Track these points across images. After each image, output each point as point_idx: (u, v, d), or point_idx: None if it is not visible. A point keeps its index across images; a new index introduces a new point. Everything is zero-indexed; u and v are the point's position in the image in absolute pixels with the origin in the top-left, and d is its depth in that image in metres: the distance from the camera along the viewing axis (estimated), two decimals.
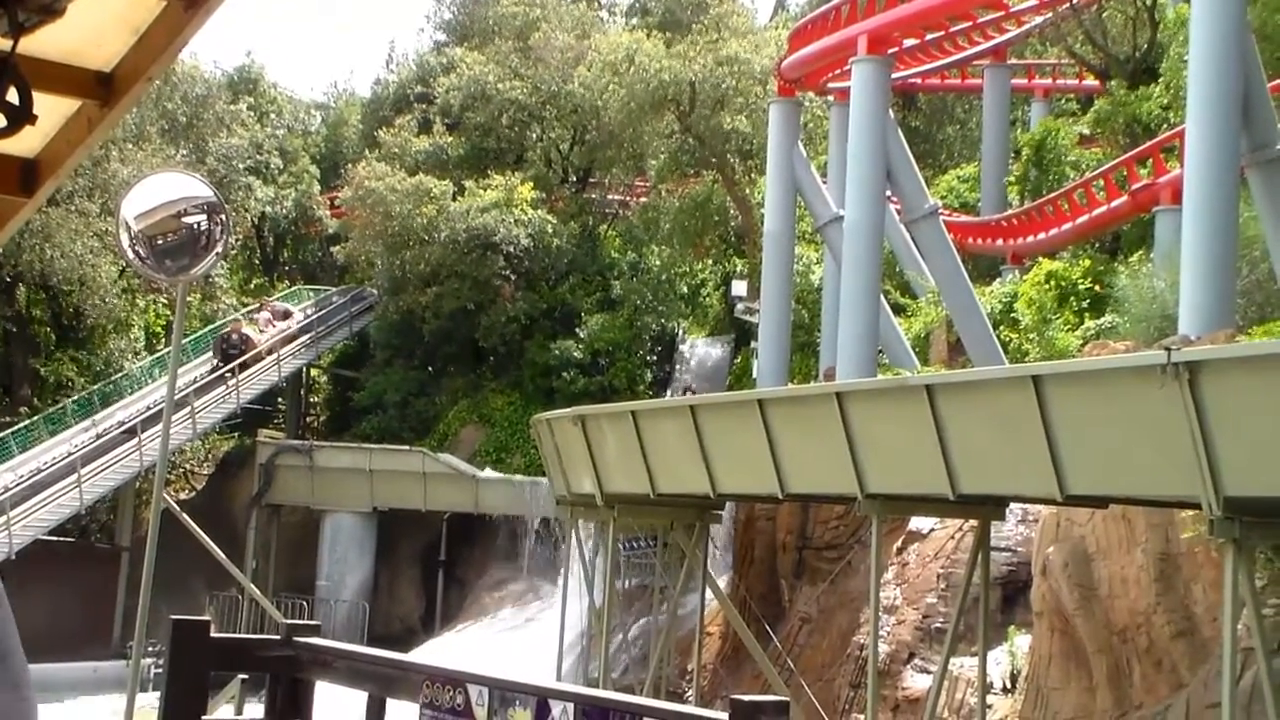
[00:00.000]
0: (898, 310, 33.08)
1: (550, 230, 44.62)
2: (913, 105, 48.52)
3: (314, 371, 49.95)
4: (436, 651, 31.87)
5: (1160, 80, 28.30)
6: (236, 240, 48.10)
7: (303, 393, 49.51)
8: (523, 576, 37.80)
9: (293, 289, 50.98)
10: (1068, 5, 31.85)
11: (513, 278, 44.00)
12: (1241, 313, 19.50)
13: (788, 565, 26.02)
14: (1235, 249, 19.11)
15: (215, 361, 41.58)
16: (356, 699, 7.31)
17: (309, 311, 47.12)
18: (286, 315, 45.31)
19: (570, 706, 6.15)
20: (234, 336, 42.36)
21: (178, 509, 16.67)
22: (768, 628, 22.13)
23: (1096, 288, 26.44)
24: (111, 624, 37.12)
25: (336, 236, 49.87)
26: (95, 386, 39.92)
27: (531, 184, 45.91)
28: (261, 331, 43.23)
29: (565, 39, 47.67)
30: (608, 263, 45.76)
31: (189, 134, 46.58)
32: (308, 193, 51.66)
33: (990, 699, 17.77)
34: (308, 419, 50.02)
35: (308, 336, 45.39)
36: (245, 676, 9.72)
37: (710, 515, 19.29)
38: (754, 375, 34.09)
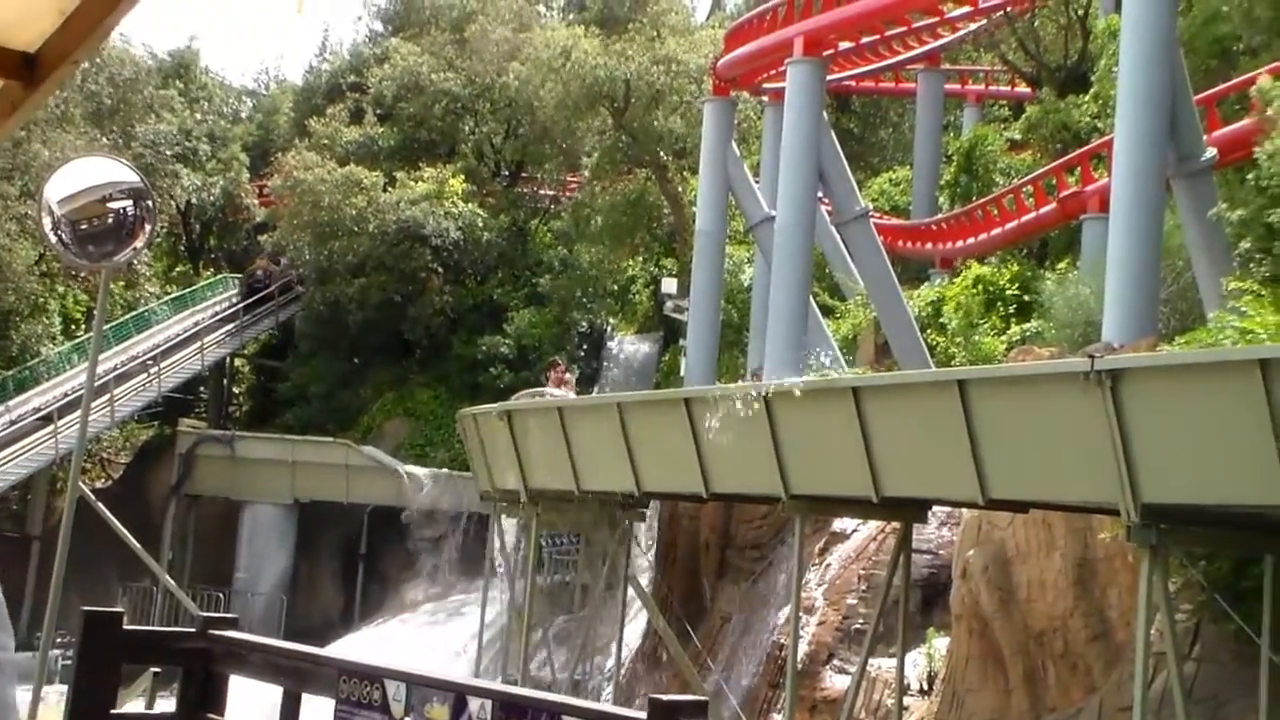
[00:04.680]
0: (827, 312, 33.20)
1: (480, 224, 44.44)
2: (847, 107, 48.77)
3: (238, 361, 49.41)
4: (355, 646, 31.58)
5: (1090, 89, 28.62)
6: (162, 227, 47.41)
7: (226, 382, 48.95)
8: (445, 572, 37.60)
9: (218, 277, 50.39)
10: (1001, 13, 32.14)
11: (441, 271, 43.77)
12: (1165, 321, 19.74)
13: (710, 564, 26.03)
14: (1160, 258, 19.33)
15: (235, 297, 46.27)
16: (271, 694, 7.19)
17: (234, 301, 46.64)
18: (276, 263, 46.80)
19: (488, 703, 6.08)
20: (259, 273, 46.69)
21: (93, 498, 16.40)
22: (688, 626, 22.12)
23: (1023, 294, 26.68)
24: (19, 614, 36.48)
25: (264, 225, 49.34)
26: (9, 372, 39.18)
27: (463, 177, 45.68)
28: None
29: (502, 32, 47.46)
30: (537, 258, 45.63)
31: (115, 118, 45.85)
32: (236, 180, 51.01)
33: (907, 700, 17.87)
34: (230, 409, 49.45)
35: (232, 325, 44.95)
36: (158, 670, 9.55)
37: (634, 513, 19.27)
38: (682, 373, 34.09)
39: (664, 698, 4.96)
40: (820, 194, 29.51)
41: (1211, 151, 21.07)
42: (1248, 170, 15.98)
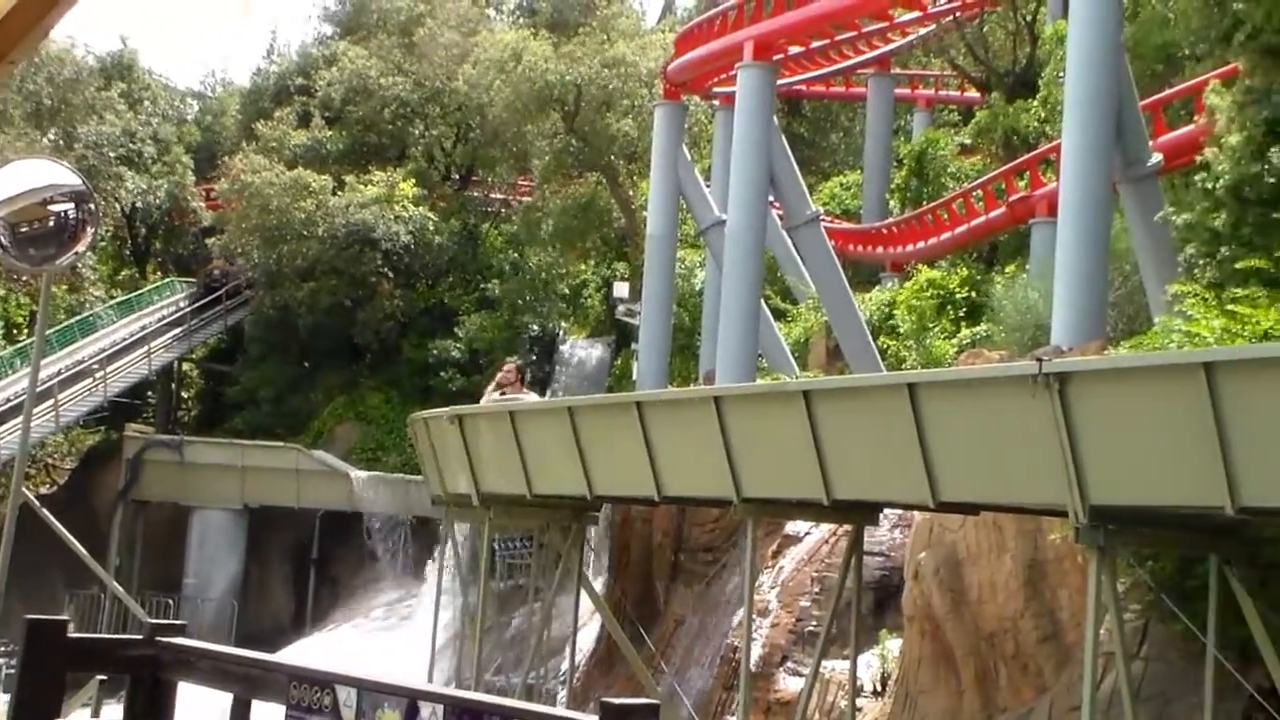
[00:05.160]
0: (778, 315, 33.30)
1: (431, 228, 44.32)
2: (798, 112, 48.94)
3: (186, 365, 49.01)
4: (306, 651, 31.42)
5: (1038, 94, 28.85)
6: (106, 230, 47.02)
7: (174, 387, 48.54)
8: (397, 576, 37.45)
9: (165, 281, 49.97)
10: (951, 18, 32.35)
11: (391, 275, 43.63)
12: (1113, 324, 19.90)
13: (663, 567, 26.05)
14: (1107, 262, 19.49)
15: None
16: (221, 700, 7.12)
17: (182, 304, 46.31)
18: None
19: (439, 708, 6.05)
20: (216, 272, 47.19)
21: (37, 504, 16.21)
22: (641, 630, 22.12)
23: (974, 297, 26.85)
24: None
25: (212, 229, 48.97)
26: None
27: (413, 181, 45.54)
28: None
29: (451, 36, 47.33)
30: (488, 262, 45.54)
31: (56, 119, 45.39)
32: (182, 183, 50.59)
33: (860, 701, 17.94)
34: (179, 413, 49.04)
35: (180, 329, 44.61)
36: (104, 677, 9.45)
37: (587, 517, 19.22)
38: (634, 377, 34.09)
39: (615, 701, 4.95)
40: (771, 198, 29.60)
41: (1157, 156, 21.27)
42: (1193, 175, 16.14)
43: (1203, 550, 11.77)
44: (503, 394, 19.47)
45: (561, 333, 45.70)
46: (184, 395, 50.56)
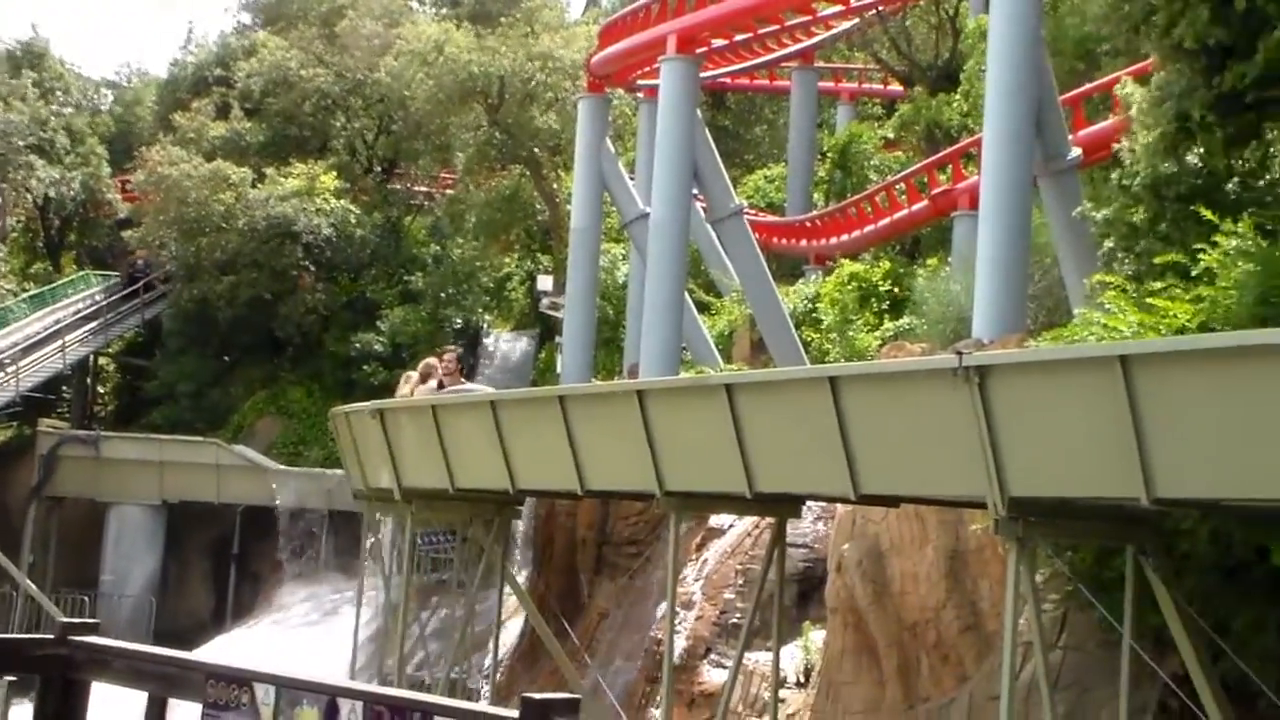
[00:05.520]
0: (702, 308, 33.35)
1: (353, 220, 44.01)
2: (722, 104, 49.05)
3: (102, 360, 48.28)
4: (226, 648, 31.06)
5: (960, 88, 29.09)
6: (17, 222, 46.22)
7: (89, 381, 47.79)
8: (319, 571, 37.16)
9: (80, 274, 49.18)
10: (874, 12, 32.53)
11: (313, 268, 43.26)
12: (1033, 317, 20.10)
13: (587, 561, 26.02)
14: (1028, 255, 19.68)
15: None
16: (137, 700, 6.99)
17: (97, 298, 45.63)
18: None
19: (359, 705, 5.98)
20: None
21: None
22: (565, 623, 22.07)
23: (896, 290, 27.02)
24: None
25: (129, 221, 48.25)
26: None
27: (335, 173, 45.16)
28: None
29: (372, 27, 46.96)
30: (411, 255, 45.28)
31: None
32: (96, 174, 49.78)
33: (783, 693, 18.00)
34: (94, 409, 48.31)
35: (96, 323, 43.95)
36: (14, 678, 9.24)
37: (510, 511, 19.15)
38: (558, 370, 34.01)
39: (536, 696, 4.93)
40: (695, 191, 29.62)
41: (1076, 151, 21.51)
42: (1112, 169, 16.33)
43: (1119, 541, 11.91)
44: (441, 386, 18.97)
45: (485, 326, 45.54)
46: (100, 390, 49.78)
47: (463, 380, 19.74)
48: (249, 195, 42.96)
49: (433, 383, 19.08)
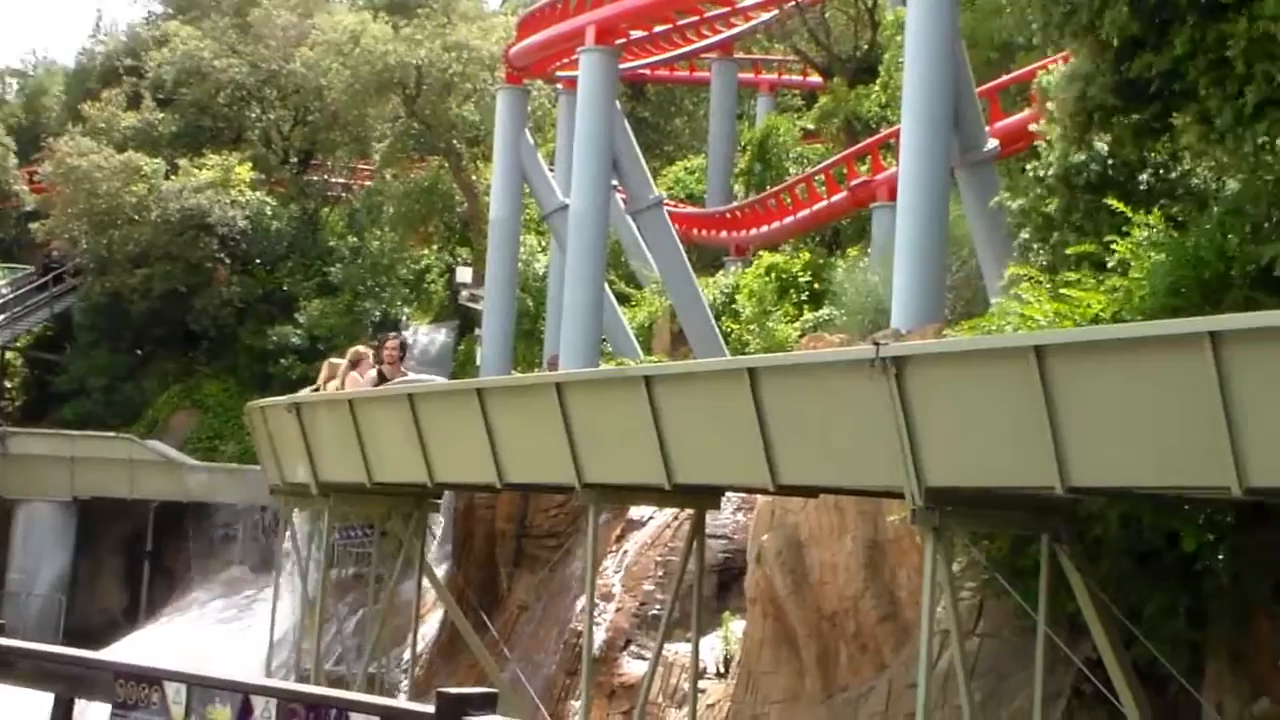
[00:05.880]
0: (622, 300, 33.32)
1: (269, 212, 43.50)
2: (641, 96, 49.00)
3: (9, 354, 47.36)
4: (138, 646, 30.62)
5: (879, 80, 29.26)
6: None
7: None
8: (235, 567, 36.74)
9: None
10: (793, 4, 32.63)
11: (228, 260, 42.71)
12: (951, 308, 20.25)
13: (507, 554, 25.91)
14: (945, 246, 19.81)
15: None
16: (43, 701, 6.82)
17: (3, 291, 44.78)
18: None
19: (273, 702, 5.87)
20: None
21: None
22: (485, 617, 21.95)
23: (815, 281, 27.14)
24: None
25: (36, 213, 47.36)
26: None
27: (250, 165, 44.59)
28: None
29: (287, 17, 46.42)
30: (329, 247, 44.83)
31: None
32: (2, 165, 48.87)
33: (703, 684, 18.02)
34: (1, 404, 47.38)
35: (2, 317, 43.14)
36: None
37: (428, 504, 19.01)
38: (478, 363, 33.83)
39: (452, 691, 4.86)
40: (615, 182, 29.57)
41: (993, 142, 21.70)
42: (1028, 160, 16.49)
43: (1034, 529, 12.01)
44: (382, 377, 18.32)
45: (404, 318, 45.22)
46: (7, 385, 48.82)
47: (403, 371, 18.82)
48: (162, 187, 42.32)
49: (372, 373, 18.30)
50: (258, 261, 43.57)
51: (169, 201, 41.91)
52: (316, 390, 19.32)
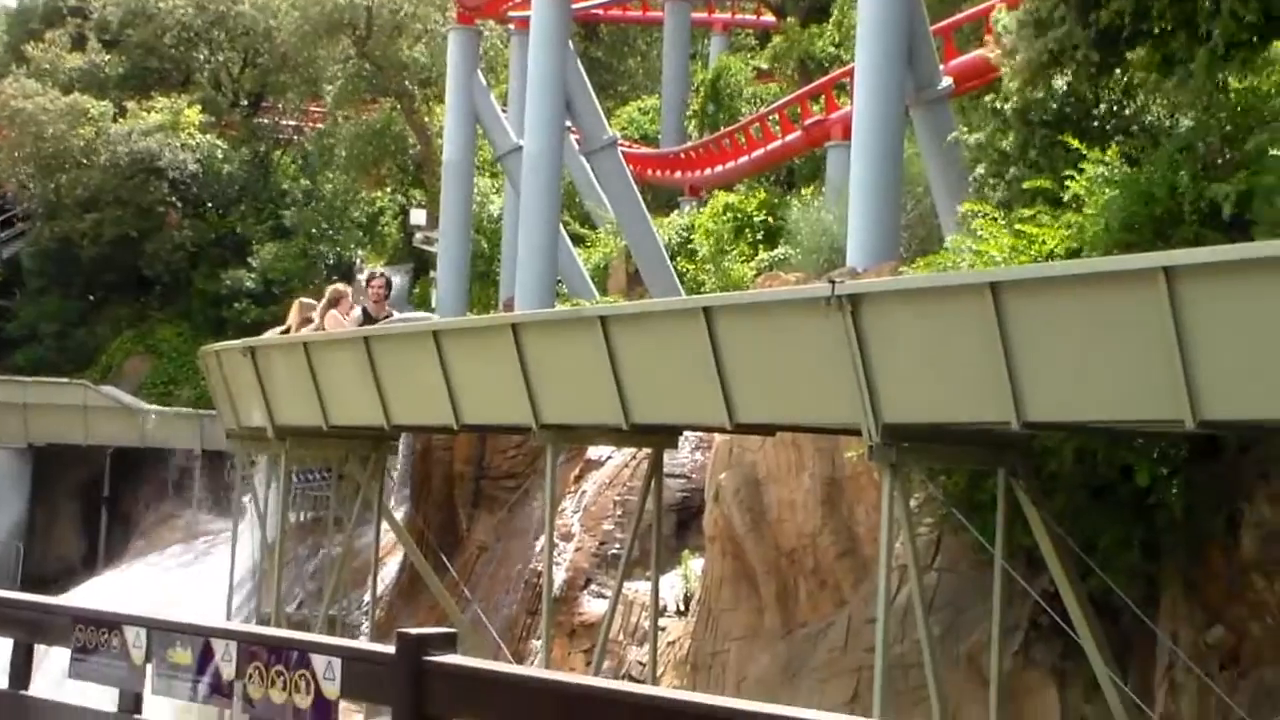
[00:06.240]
0: (577, 241, 33.20)
1: (220, 155, 43.04)
2: (595, 36, 48.65)
3: None
4: (97, 592, 30.54)
5: (832, 18, 29.12)
6: None
7: None
8: (193, 512, 36.62)
9: None
10: None
11: (179, 204, 42.27)
12: (906, 246, 20.29)
13: (465, 495, 25.93)
14: (900, 184, 19.81)
15: None
16: (2, 647, 6.78)
17: None
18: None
19: (233, 645, 5.85)
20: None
21: None
22: (445, 559, 21.99)
23: (771, 220, 27.12)
24: None
25: None
26: None
27: (199, 107, 44.04)
28: None
29: None
30: (281, 190, 44.43)
31: None
32: None
33: (663, 621, 18.14)
34: None
35: None
36: None
37: (386, 447, 18.98)
38: (433, 305, 33.69)
39: (412, 631, 4.85)
40: (568, 123, 29.38)
41: (948, 80, 21.66)
42: (984, 96, 16.49)
43: (991, 464, 12.11)
44: (368, 316, 17.67)
45: (359, 261, 44.94)
46: None
47: (388, 310, 18.37)
48: (110, 130, 41.80)
49: (356, 311, 17.90)
50: (209, 205, 43.18)
51: (118, 145, 41.41)
52: (286, 331, 19.14)
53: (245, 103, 48.03)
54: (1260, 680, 11.16)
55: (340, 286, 18.96)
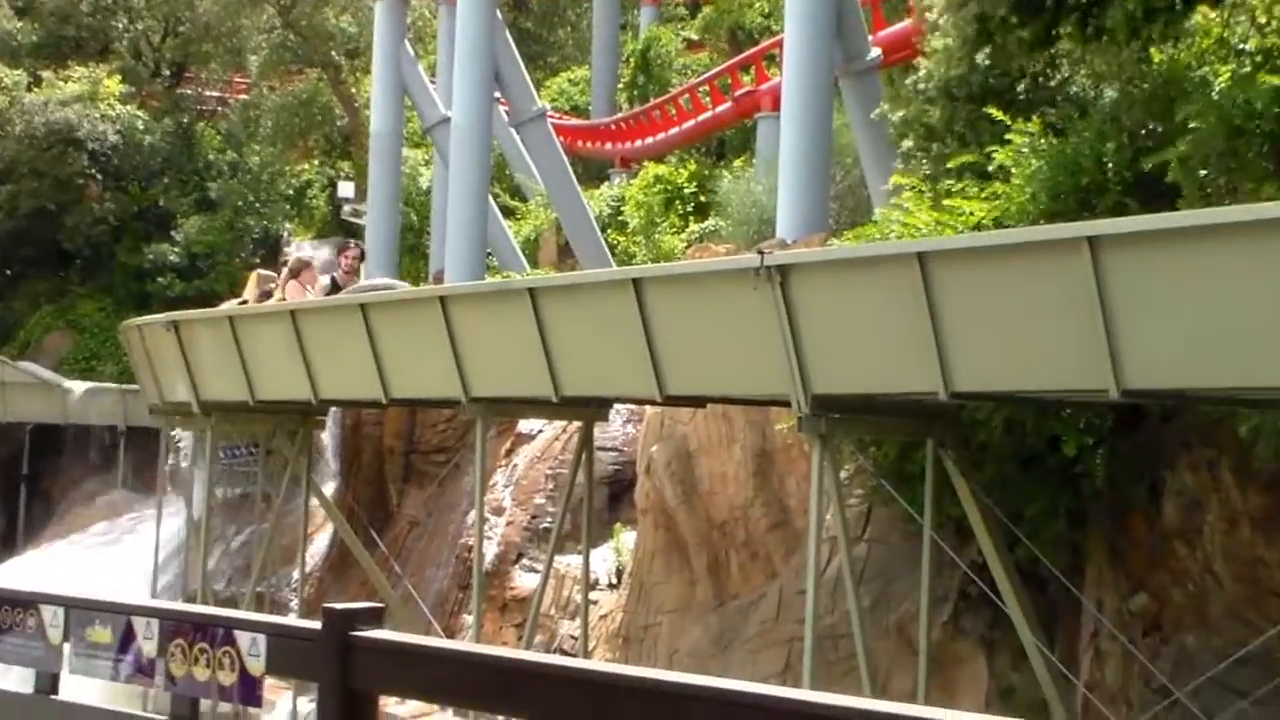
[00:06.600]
0: (508, 213, 33.03)
1: (141, 127, 42.27)
2: (524, 6, 48.30)
3: None
4: (16, 572, 30.09)
5: None
6: None
7: None
8: (116, 490, 36.11)
9: None
10: None
11: (100, 176, 41.51)
12: (835, 218, 20.35)
13: (396, 470, 25.79)
14: (829, 156, 19.86)
15: None
16: None
17: None
18: None
19: (155, 623, 5.75)
20: None
21: None
22: (374, 534, 21.87)
23: (701, 192, 27.10)
24: None
25: None
26: None
27: (119, 77, 43.24)
28: None
29: None
30: (206, 162, 43.75)
31: None
32: None
33: (595, 595, 18.15)
34: None
35: None
36: None
37: (314, 421, 18.84)
38: (362, 278, 33.37)
39: (339, 607, 4.79)
40: (498, 94, 29.18)
41: (876, 51, 21.71)
42: (911, 70, 16.52)
43: (920, 435, 12.18)
44: (336, 286, 17.32)
45: (286, 234, 44.39)
46: None
47: (357, 281, 17.98)
48: (24, 100, 40.92)
49: (324, 280, 17.49)
50: (131, 178, 42.43)
51: (33, 115, 40.58)
52: (244, 303, 18.86)
53: (167, 73, 47.22)
54: (1182, 646, 11.33)
55: (304, 255, 18.71)
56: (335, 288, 17.54)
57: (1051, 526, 12.36)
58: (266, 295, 18.19)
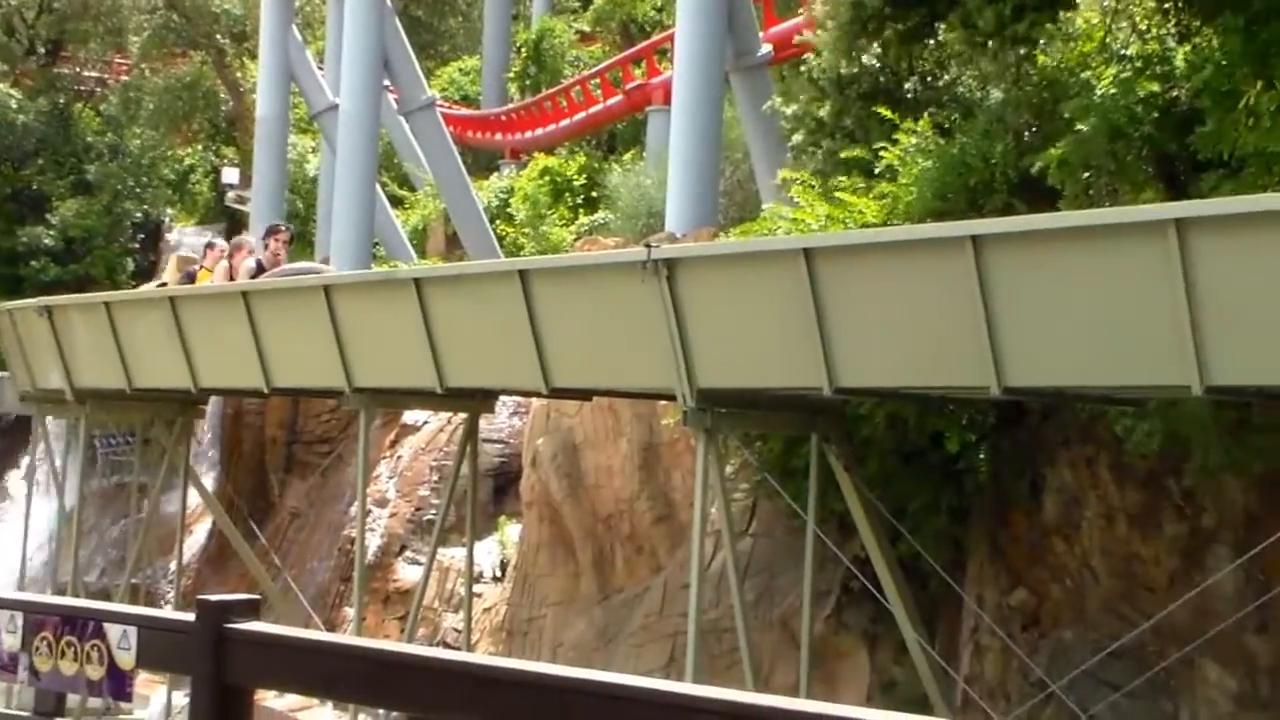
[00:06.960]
0: (395, 202, 32.69)
1: (14, 106, 41.15)
2: None
3: None
4: None
5: None
6: None
7: None
8: None
9: None
10: None
11: None
12: (725, 212, 20.41)
13: (277, 460, 25.42)
14: (719, 150, 19.90)
15: None
16: None
17: None
18: None
19: (19, 615, 5.56)
20: None
21: None
22: (255, 525, 21.51)
23: (591, 185, 27.05)
24: None
25: None
26: None
27: None
28: None
29: None
30: (84, 144, 42.69)
31: None
32: None
33: (479, 588, 18.03)
34: None
35: None
36: None
37: (193, 410, 18.49)
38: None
39: (213, 598, 4.65)
40: (387, 83, 28.86)
41: (767, 47, 21.80)
42: (800, 66, 16.61)
43: (805, 431, 12.24)
44: (261, 268, 16.74)
45: (168, 220, 43.53)
46: None
47: (283, 259, 17.15)
48: None
49: (250, 262, 16.69)
50: (3, 159, 41.29)
51: None
52: (163, 285, 18.25)
53: (42, 51, 45.99)
54: (1059, 641, 11.51)
55: (243, 237, 18.23)
56: (260, 270, 16.94)
57: (933, 522, 12.50)
58: (190, 278, 17.60)
